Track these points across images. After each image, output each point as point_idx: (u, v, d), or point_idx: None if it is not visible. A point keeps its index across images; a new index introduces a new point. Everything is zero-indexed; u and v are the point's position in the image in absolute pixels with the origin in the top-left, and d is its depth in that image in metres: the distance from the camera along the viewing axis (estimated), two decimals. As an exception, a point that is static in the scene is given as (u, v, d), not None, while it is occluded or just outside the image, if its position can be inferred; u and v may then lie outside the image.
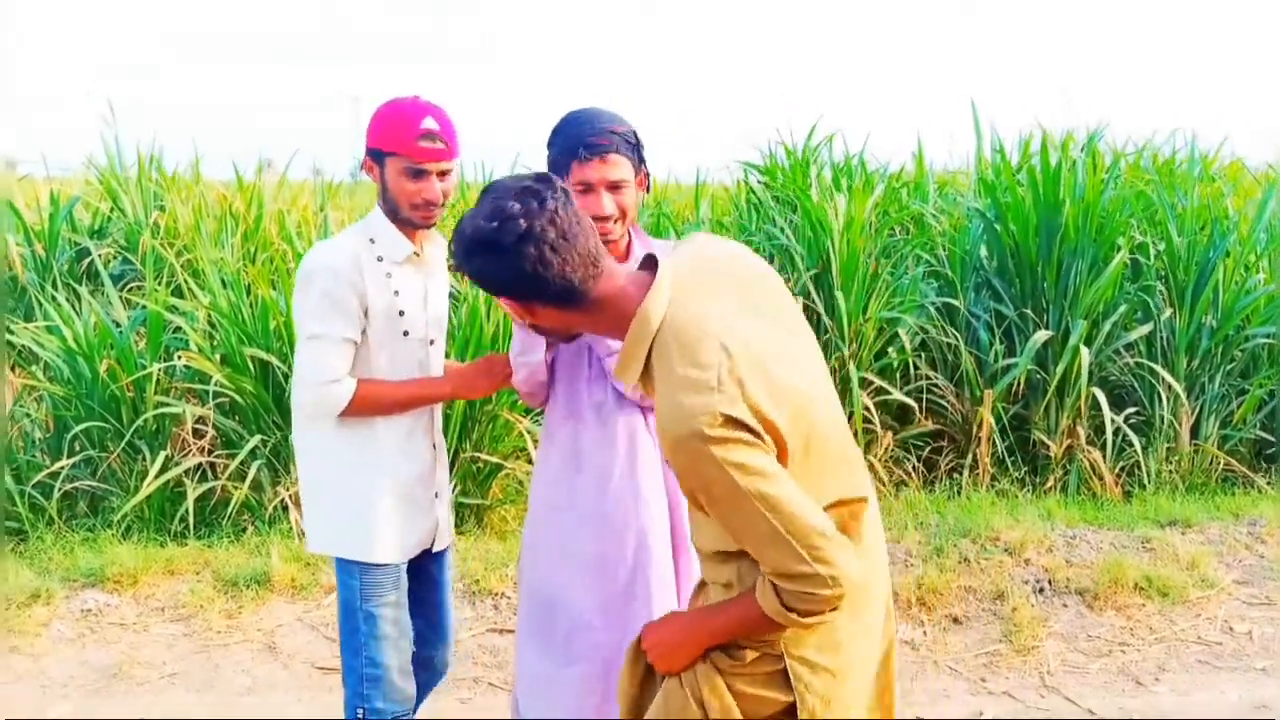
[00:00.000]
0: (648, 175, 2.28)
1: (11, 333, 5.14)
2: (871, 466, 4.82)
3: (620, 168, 2.17)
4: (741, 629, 1.61)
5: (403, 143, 2.17)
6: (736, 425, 1.44)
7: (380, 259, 2.23)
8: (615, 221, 2.19)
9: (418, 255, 2.29)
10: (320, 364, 2.18)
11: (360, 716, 2.30)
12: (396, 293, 2.24)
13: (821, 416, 1.58)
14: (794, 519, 1.47)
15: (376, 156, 2.23)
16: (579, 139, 2.16)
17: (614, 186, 2.17)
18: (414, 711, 2.40)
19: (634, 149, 2.19)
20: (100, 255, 6.11)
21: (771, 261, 5.70)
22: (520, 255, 1.50)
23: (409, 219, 2.25)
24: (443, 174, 2.23)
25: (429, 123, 2.18)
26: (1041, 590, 3.94)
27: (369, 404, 2.21)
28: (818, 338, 4.89)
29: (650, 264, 1.65)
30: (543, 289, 1.54)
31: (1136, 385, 5.23)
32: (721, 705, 1.62)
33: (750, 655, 1.63)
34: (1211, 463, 5.13)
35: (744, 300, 1.59)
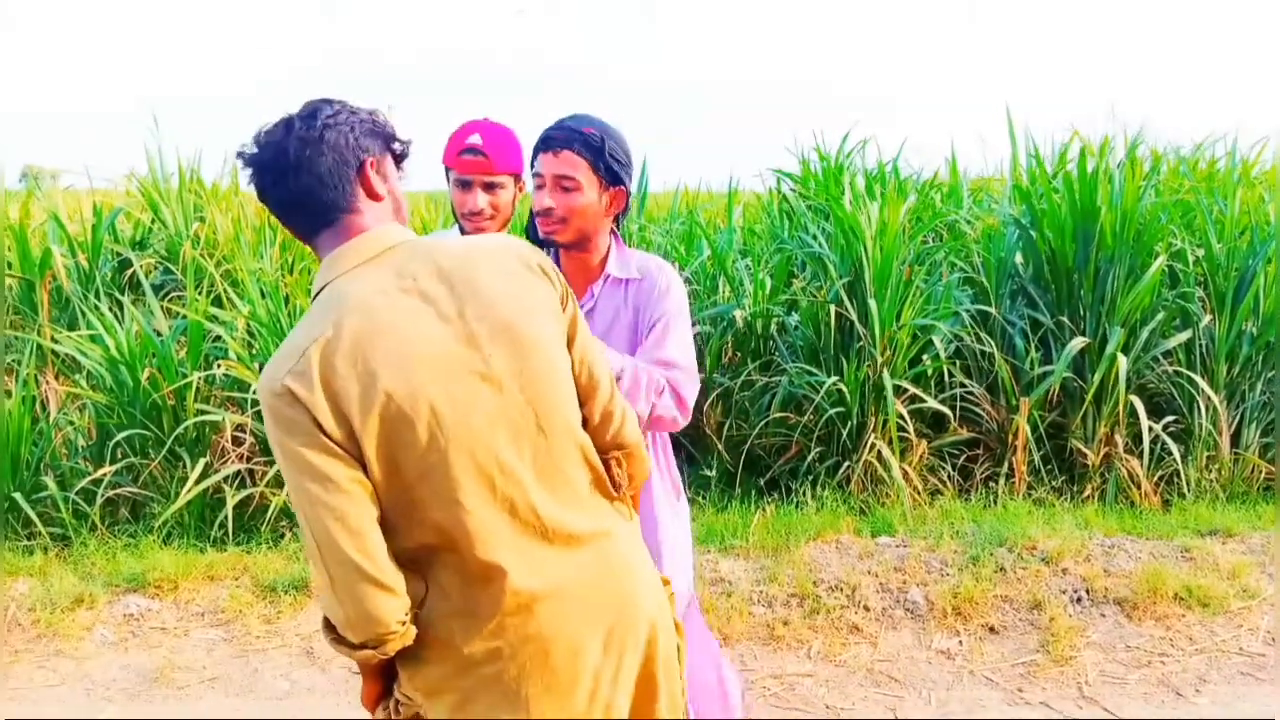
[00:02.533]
0: (626, 194, 2.23)
1: (56, 341, 5.24)
2: (906, 475, 4.80)
3: (571, 166, 2.15)
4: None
5: (449, 157, 2.42)
6: (296, 404, 1.41)
7: None
8: (560, 221, 2.18)
9: None
10: None
11: None
12: None
13: (448, 459, 1.46)
14: (328, 538, 1.42)
15: (446, 173, 2.48)
16: (544, 132, 2.20)
17: (562, 185, 2.17)
18: None
19: (595, 153, 2.15)
20: (142, 265, 6.20)
21: (804, 269, 5.71)
22: (254, 180, 1.56)
23: (463, 228, 2.45)
24: (488, 186, 2.41)
25: (473, 139, 2.38)
26: (1079, 600, 3.90)
27: None
28: (850, 345, 4.94)
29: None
30: (275, 214, 1.58)
31: (1175, 393, 5.17)
32: None
33: (404, 712, 1.61)
34: (1253, 471, 5.06)
35: (431, 304, 1.50)
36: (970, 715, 3.29)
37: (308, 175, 1.51)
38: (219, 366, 4.84)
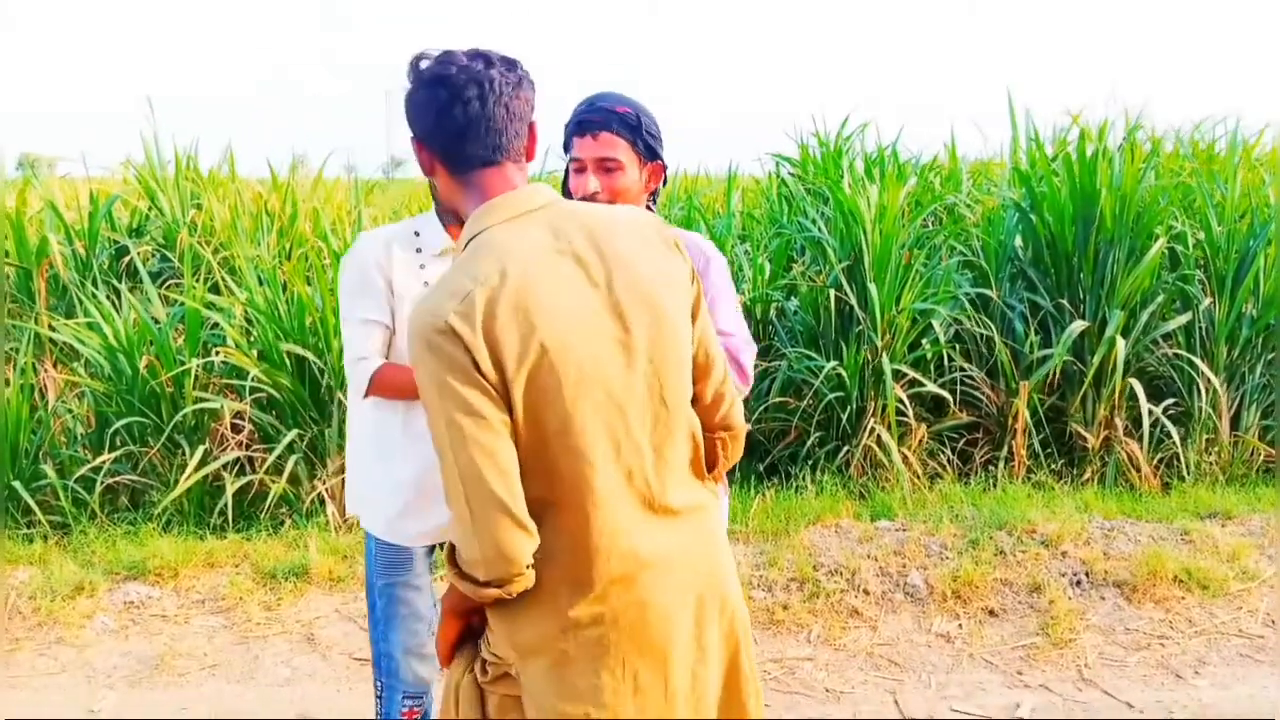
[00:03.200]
0: (663, 168, 2.26)
1: (54, 330, 5.23)
2: (905, 459, 4.80)
3: (611, 147, 2.17)
4: (458, 597, 1.59)
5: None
6: (457, 342, 1.43)
7: (419, 250, 2.29)
8: (605, 203, 2.16)
9: (455, 250, 2.32)
10: (349, 343, 2.25)
11: (377, 693, 2.40)
12: (426, 283, 2.27)
13: (585, 419, 1.50)
14: (476, 474, 1.45)
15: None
16: (577, 115, 2.20)
17: (604, 166, 2.18)
18: (430, 697, 2.43)
19: (633, 131, 2.17)
20: (139, 253, 6.19)
21: (803, 254, 5.69)
22: (433, 95, 1.54)
23: (452, 214, 2.32)
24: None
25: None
26: (1079, 583, 3.91)
27: (389, 386, 2.23)
28: (850, 330, 4.93)
29: None
30: (436, 137, 1.57)
31: (1175, 376, 5.16)
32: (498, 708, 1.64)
33: (493, 672, 1.63)
34: (1252, 454, 5.06)
35: (581, 269, 1.53)
36: (970, 698, 3.30)
37: (504, 108, 1.55)
38: (217, 354, 4.83)
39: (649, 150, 2.21)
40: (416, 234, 2.31)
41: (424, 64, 1.56)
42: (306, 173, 7.58)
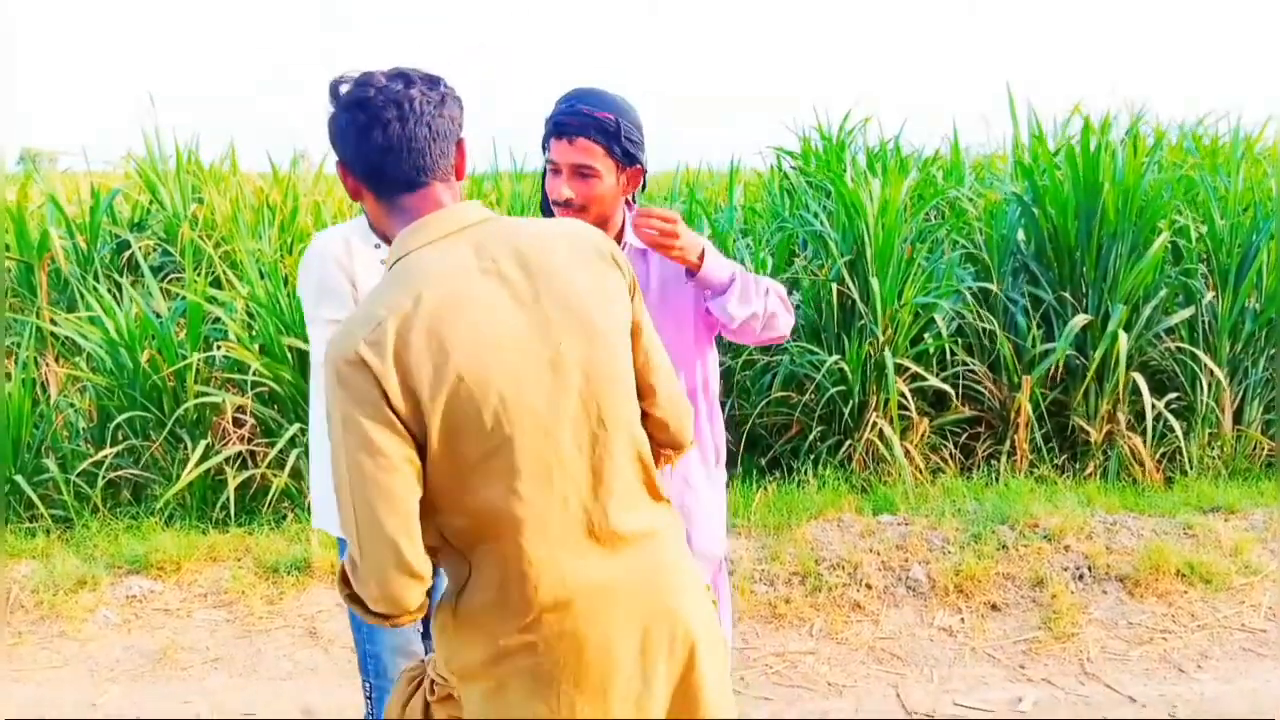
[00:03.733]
0: (642, 172, 2.19)
1: (55, 324, 5.23)
2: (907, 453, 4.80)
3: (587, 154, 2.10)
4: None
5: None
6: (366, 373, 1.39)
7: (378, 245, 2.21)
8: (580, 209, 2.14)
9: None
10: (316, 347, 2.21)
11: (366, 694, 2.37)
12: None
13: (510, 445, 1.45)
14: (371, 516, 1.41)
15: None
16: (555, 115, 2.14)
17: (580, 173, 2.12)
18: None
19: (611, 138, 2.10)
20: (140, 247, 6.18)
21: (805, 248, 5.68)
22: (351, 119, 1.49)
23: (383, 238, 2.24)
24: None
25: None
26: (1081, 577, 3.90)
27: None
28: (852, 324, 4.92)
29: None
30: (358, 163, 1.52)
31: (1178, 370, 5.16)
32: None
33: (439, 692, 1.61)
34: (1255, 448, 5.05)
35: (507, 286, 1.49)
36: (972, 692, 3.30)
37: (426, 127, 1.50)
38: (219, 348, 4.83)
39: (627, 156, 2.13)
40: (373, 227, 2.27)
41: (342, 87, 1.51)
42: (308, 167, 7.57)
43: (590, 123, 2.10)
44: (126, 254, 6.29)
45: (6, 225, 6.07)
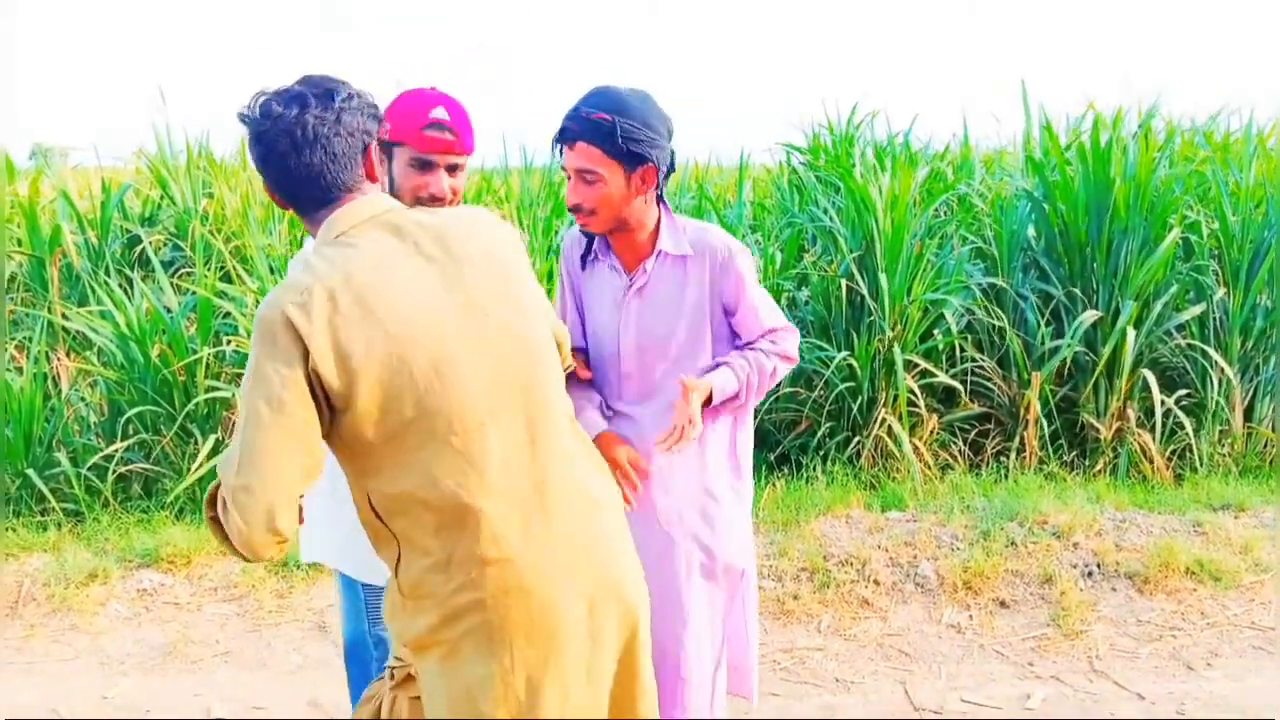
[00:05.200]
0: (655, 170, 2.15)
1: (66, 318, 5.25)
2: (916, 449, 4.79)
3: (588, 158, 2.09)
4: None
5: (409, 132, 2.03)
6: (291, 332, 1.44)
7: None
8: (588, 214, 2.14)
9: None
10: None
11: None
12: None
13: (443, 403, 1.51)
14: (252, 452, 1.45)
15: (385, 148, 2.06)
16: (562, 121, 2.14)
17: (583, 177, 2.11)
18: None
19: (608, 140, 2.07)
20: (151, 242, 6.21)
21: (814, 243, 5.68)
22: (255, 150, 1.58)
23: None
24: (452, 169, 2.07)
25: (439, 112, 2.03)
26: (1090, 574, 3.89)
27: None
28: (861, 320, 4.92)
29: None
30: (271, 186, 1.61)
31: (1188, 367, 5.14)
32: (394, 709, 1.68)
33: (398, 675, 1.66)
34: (1266, 445, 5.03)
35: (429, 267, 1.57)
36: (980, 688, 3.30)
37: (324, 154, 1.56)
38: (229, 342, 4.85)
39: (630, 156, 2.10)
40: None
41: (246, 116, 1.58)
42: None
43: (587, 126, 2.09)
44: (137, 249, 6.32)
45: (19, 220, 6.09)
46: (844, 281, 5.00)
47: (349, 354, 1.45)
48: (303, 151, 1.54)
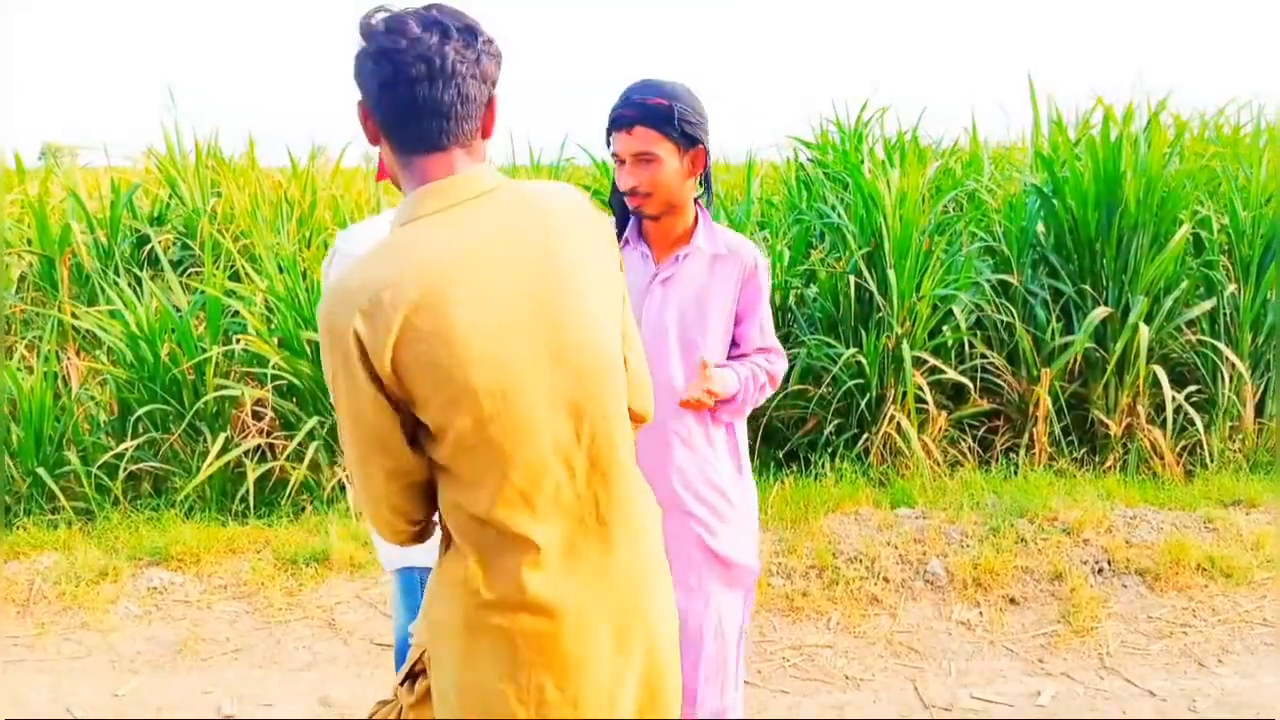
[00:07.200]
0: (705, 153, 2.25)
1: (76, 318, 5.27)
2: (925, 446, 4.78)
3: (645, 141, 2.18)
4: None
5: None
6: (358, 344, 1.35)
7: None
8: (645, 196, 2.21)
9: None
10: None
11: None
12: None
13: (506, 437, 1.42)
14: (348, 455, 1.46)
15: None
16: (613, 110, 2.21)
17: (641, 160, 2.19)
18: None
19: (665, 122, 2.17)
20: (160, 241, 6.22)
21: (822, 240, 5.66)
22: (377, 68, 1.40)
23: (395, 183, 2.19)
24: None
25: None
26: (1100, 571, 3.88)
27: None
28: (869, 316, 4.91)
29: None
30: (378, 112, 1.44)
31: (1199, 363, 5.12)
32: None
33: (418, 692, 1.61)
34: (1277, 441, 5.01)
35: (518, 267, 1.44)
36: (990, 685, 3.29)
37: (456, 92, 1.41)
38: (238, 341, 4.86)
39: (686, 138, 2.20)
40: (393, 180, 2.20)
41: (371, 29, 1.41)
42: (326, 161, 7.61)
43: (645, 110, 2.17)
44: (146, 248, 6.34)
45: (28, 220, 6.11)
46: (852, 278, 4.98)
47: (410, 370, 1.36)
48: (436, 83, 1.38)
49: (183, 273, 5.95)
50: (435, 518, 1.55)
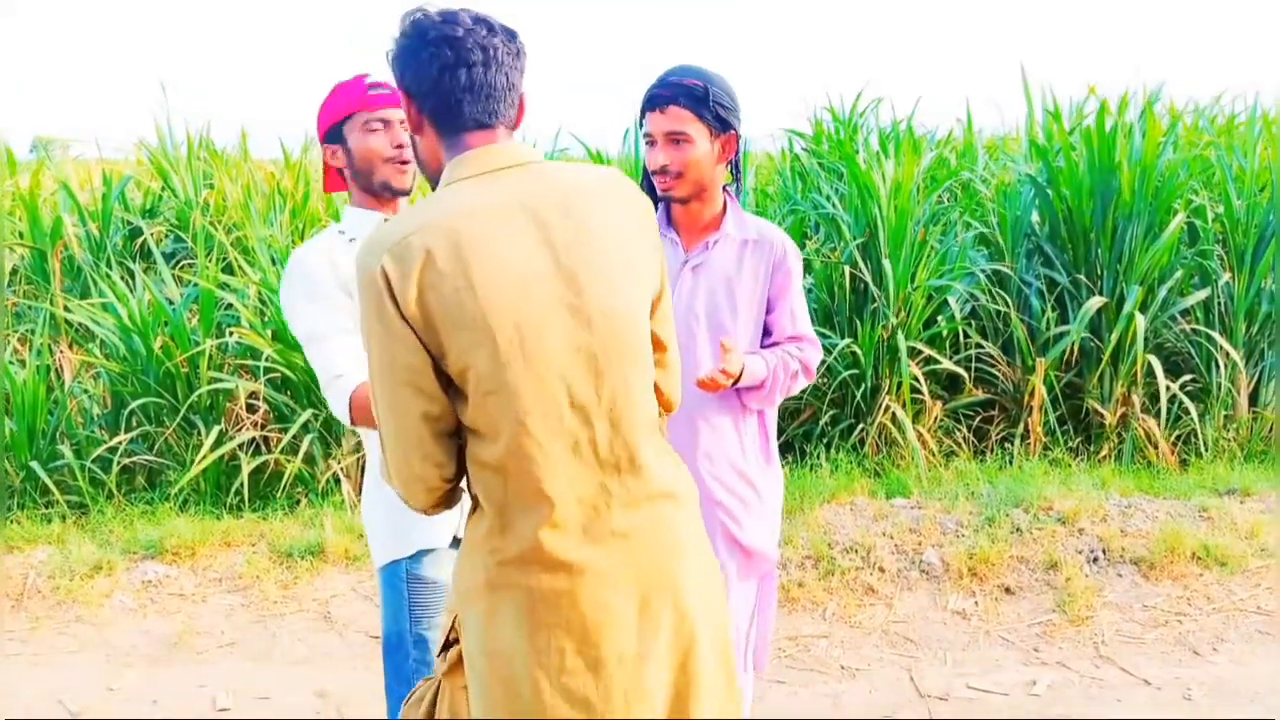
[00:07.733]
0: (737, 138, 2.26)
1: (69, 311, 5.25)
2: (920, 436, 4.78)
3: (679, 120, 2.19)
4: None
5: (353, 102, 2.12)
6: (386, 286, 1.43)
7: (352, 240, 2.12)
8: (676, 176, 2.21)
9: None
10: (325, 361, 2.02)
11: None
12: None
13: (524, 383, 1.46)
14: (379, 402, 1.50)
15: (334, 136, 2.14)
16: (648, 91, 2.23)
17: (673, 139, 2.20)
18: None
19: (700, 104, 2.18)
20: (152, 234, 6.20)
21: (817, 230, 5.66)
22: (437, 54, 1.52)
23: (386, 181, 2.14)
24: (404, 123, 2.08)
25: (371, 77, 2.13)
26: (1095, 560, 3.89)
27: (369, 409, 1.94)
28: (864, 307, 4.90)
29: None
30: (432, 96, 1.55)
31: (1193, 352, 5.12)
32: (450, 706, 1.64)
33: (450, 659, 1.63)
34: (1271, 430, 5.02)
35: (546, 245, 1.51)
36: (986, 675, 3.29)
37: (504, 78, 1.56)
38: (231, 334, 4.84)
39: (720, 122, 2.21)
40: (341, 232, 2.15)
41: (426, 21, 1.54)
42: (318, 152, 7.58)
43: (680, 90, 2.19)
44: (139, 241, 6.31)
45: (20, 213, 6.09)
46: (847, 268, 4.98)
47: (434, 312, 1.44)
48: (490, 68, 1.53)
49: (175, 265, 5.93)
50: (464, 484, 1.58)
